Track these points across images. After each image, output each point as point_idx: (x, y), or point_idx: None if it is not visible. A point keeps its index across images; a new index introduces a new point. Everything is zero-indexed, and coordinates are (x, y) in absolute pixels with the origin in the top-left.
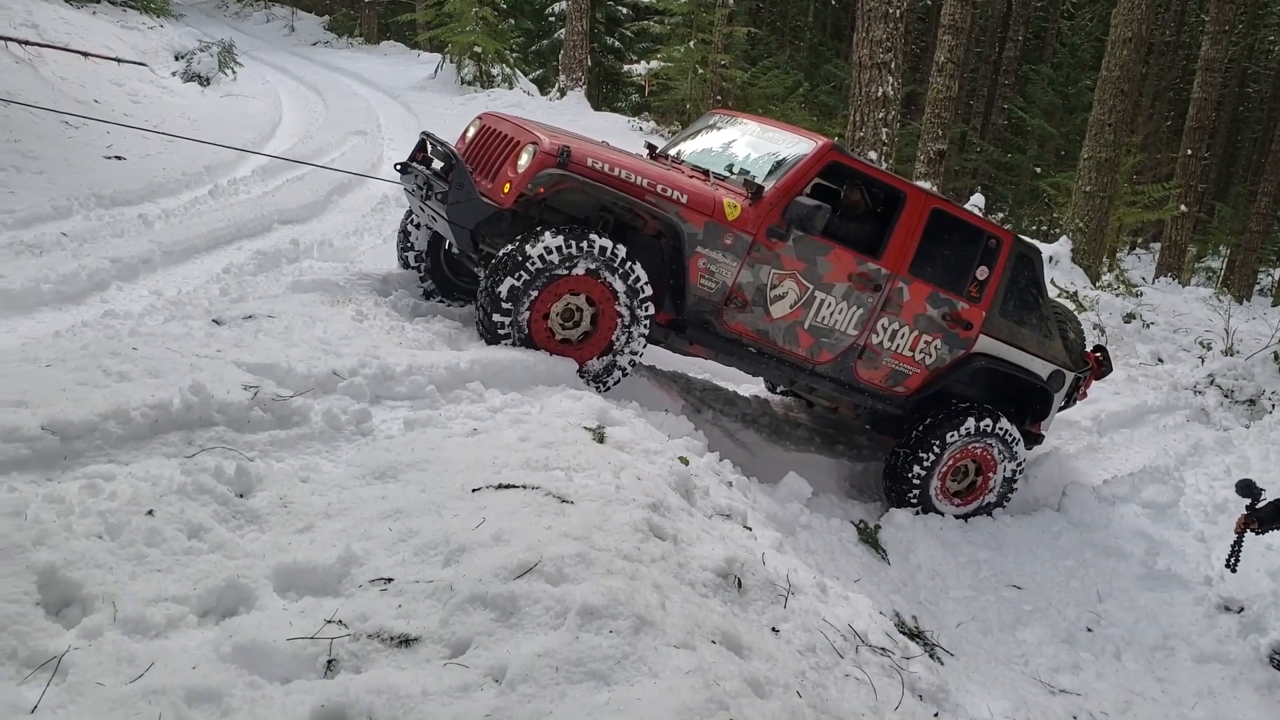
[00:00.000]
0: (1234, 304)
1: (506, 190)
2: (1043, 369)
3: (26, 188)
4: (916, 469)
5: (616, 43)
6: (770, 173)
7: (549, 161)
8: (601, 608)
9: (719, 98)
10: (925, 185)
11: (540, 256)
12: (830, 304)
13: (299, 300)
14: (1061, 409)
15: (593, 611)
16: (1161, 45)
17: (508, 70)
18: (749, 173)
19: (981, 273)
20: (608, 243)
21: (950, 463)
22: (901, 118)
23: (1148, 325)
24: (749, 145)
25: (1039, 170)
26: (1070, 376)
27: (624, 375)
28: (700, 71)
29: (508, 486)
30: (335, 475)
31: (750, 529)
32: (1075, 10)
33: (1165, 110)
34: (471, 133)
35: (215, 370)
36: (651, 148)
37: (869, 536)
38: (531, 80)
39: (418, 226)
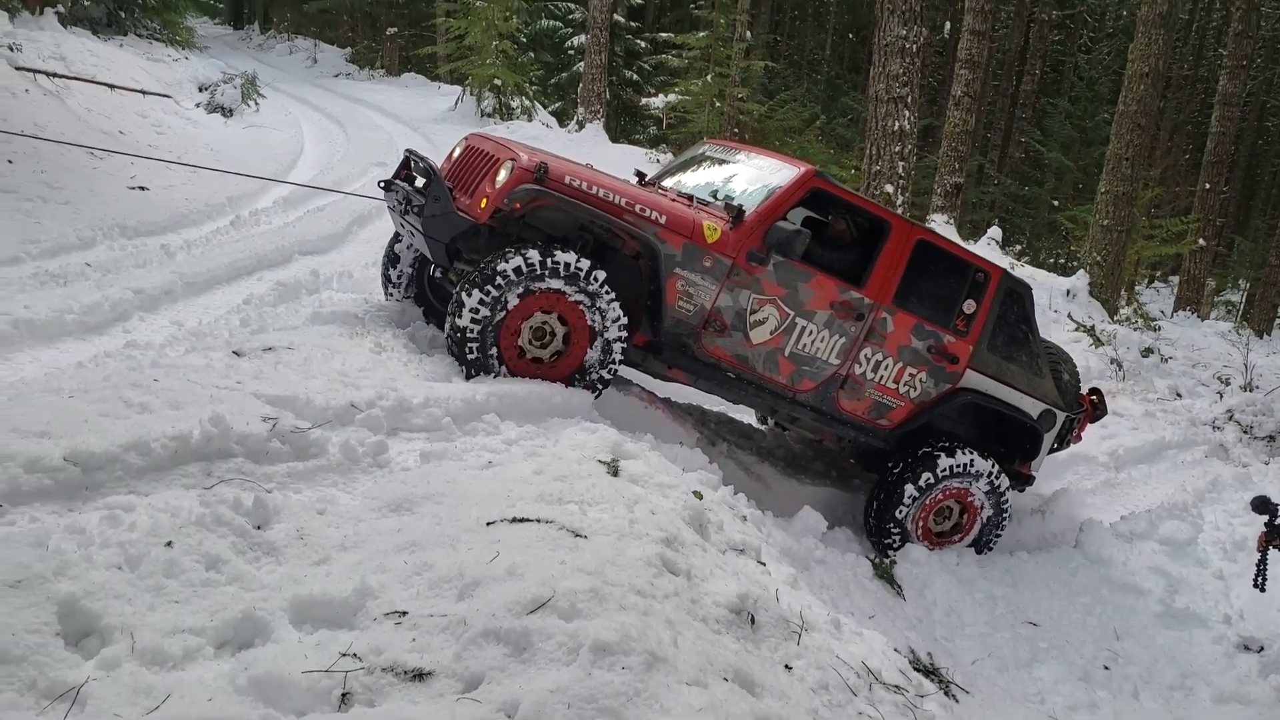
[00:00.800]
0: (1254, 338)
1: (484, 205)
2: (1032, 407)
3: (52, 218)
4: (897, 508)
5: (635, 76)
6: (753, 198)
7: (526, 178)
8: (614, 644)
9: (736, 130)
10: (941, 218)
11: (507, 273)
12: (812, 331)
13: (318, 332)
14: (1054, 450)
15: (605, 648)
16: (1179, 79)
17: (527, 102)
18: (733, 199)
19: (969, 306)
20: (572, 257)
21: (932, 503)
22: (918, 151)
23: (1166, 360)
24: (736, 173)
25: (1056, 203)
26: (1062, 417)
27: (601, 390)
28: (718, 104)
29: (522, 520)
30: (352, 507)
31: (764, 564)
32: (1092, 45)
33: (1183, 144)
34: (457, 153)
35: (235, 402)
36: (640, 175)
37: (884, 572)
38: (550, 112)
39: (397, 261)
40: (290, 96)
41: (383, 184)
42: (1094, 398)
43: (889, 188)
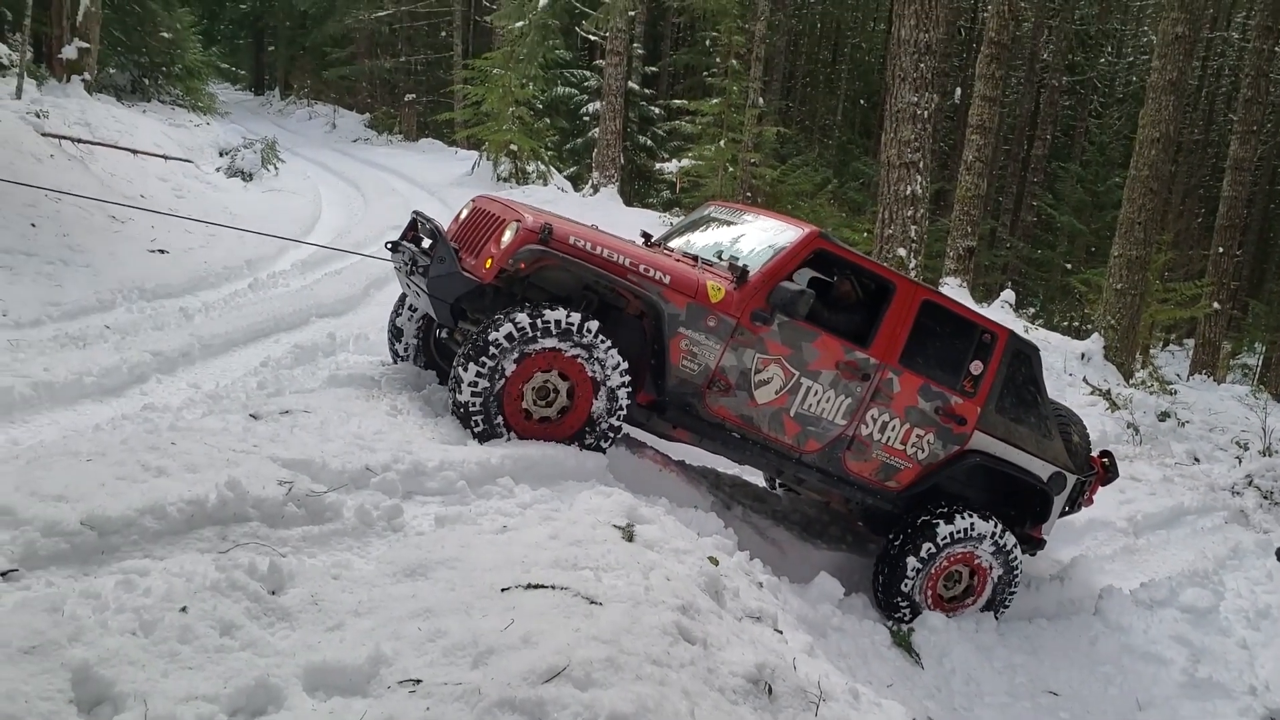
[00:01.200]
0: (1271, 401)
1: (489, 265)
2: (1042, 470)
3: (73, 280)
4: (902, 581)
5: (649, 141)
6: (758, 259)
7: (530, 238)
8: (630, 715)
9: (748, 194)
10: (955, 282)
11: (499, 341)
12: (817, 392)
13: (335, 395)
14: (1066, 514)
15: (622, 719)
16: (1190, 144)
17: (543, 167)
18: (738, 259)
19: (976, 367)
20: (562, 314)
21: (938, 570)
22: (930, 215)
23: (1183, 424)
24: (741, 234)
25: (1069, 266)
26: (1072, 479)
27: (613, 438)
28: (731, 169)
29: (537, 586)
30: (366, 572)
31: (781, 632)
32: (1103, 110)
33: (1195, 208)
34: (465, 214)
35: (251, 466)
36: (647, 236)
37: (902, 640)
38: (566, 177)
39: (401, 333)
40: (309, 161)
41: (390, 245)
42: (1105, 460)
43: (902, 251)
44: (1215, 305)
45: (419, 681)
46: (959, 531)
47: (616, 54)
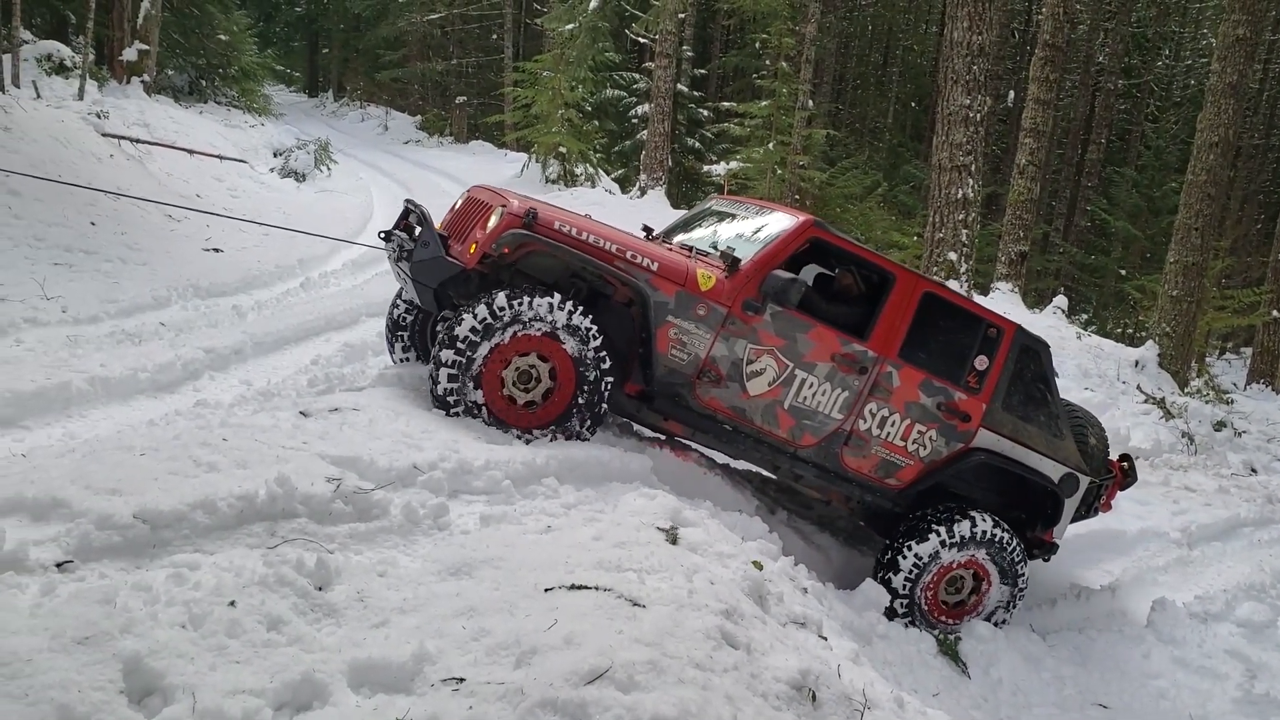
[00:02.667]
0: None
1: (473, 250)
2: (1053, 470)
3: (130, 278)
4: (902, 574)
5: (697, 144)
6: (753, 249)
7: (514, 223)
8: (673, 719)
9: (796, 197)
10: (1006, 287)
11: (467, 336)
12: (812, 384)
13: (383, 393)
14: (1082, 518)
15: None
16: (1250, 149)
17: (591, 169)
18: (734, 250)
19: (981, 363)
20: (542, 298)
21: (941, 570)
22: (982, 219)
23: (1239, 434)
24: (739, 226)
25: (1124, 273)
26: (1086, 482)
27: (593, 430)
28: (779, 171)
29: (580, 587)
30: (412, 570)
31: (825, 638)
32: (1159, 113)
33: (1255, 213)
34: (459, 204)
35: (300, 462)
36: (648, 229)
37: (949, 648)
38: (613, 179)
39: (402, 323)
40: (361, 162)
41: (382, 234)
42: (1124, 464)
43: (952, 255)
44: (1275, 313)
45: (462, 680)
46: (957, 534)
47: (665, 56)
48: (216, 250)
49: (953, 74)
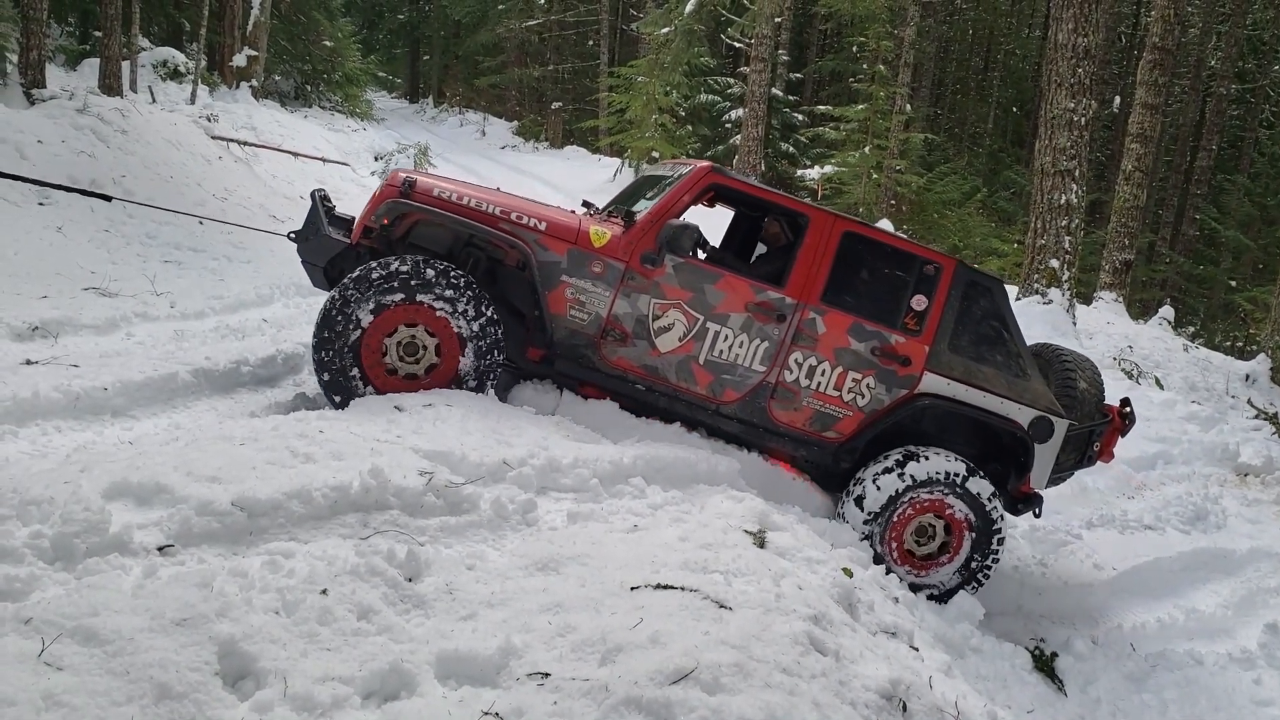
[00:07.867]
0: None
1: (355, 225)
2: (1019, 413)
3: (236, 276)
4: (859, 521)
5: (790, 148)
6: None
7: (391, 193)
8: None
9: (892, 202)
10: (1109, 296)
11: (339, 297)
12: (727, 336)
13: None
14: (1076, 467)
15: None
16: None
17: None
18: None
19: (919, 302)
20: (412, 263)
21: (905, 516)
22: (1085, 226)
23: None
24: (662, 188)
25: (1234, 284)
26: (1062, 425)
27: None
28: (875, 176)
29: (666, 587)
30: (499, 564)
31: (916, 649)
32: (1275, 120)
33: None
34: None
35: (393, 455)
36: (588, 205)
37: (1044, 664)
38: None
39: None
40: (459, 166)
41: (291, 235)
42: (1125, 409)
43: (1054, 262)
44: None
45: (547, 675)
46: (915, 475)
47: (761, 60)
48: None
49: (1057, 77)
